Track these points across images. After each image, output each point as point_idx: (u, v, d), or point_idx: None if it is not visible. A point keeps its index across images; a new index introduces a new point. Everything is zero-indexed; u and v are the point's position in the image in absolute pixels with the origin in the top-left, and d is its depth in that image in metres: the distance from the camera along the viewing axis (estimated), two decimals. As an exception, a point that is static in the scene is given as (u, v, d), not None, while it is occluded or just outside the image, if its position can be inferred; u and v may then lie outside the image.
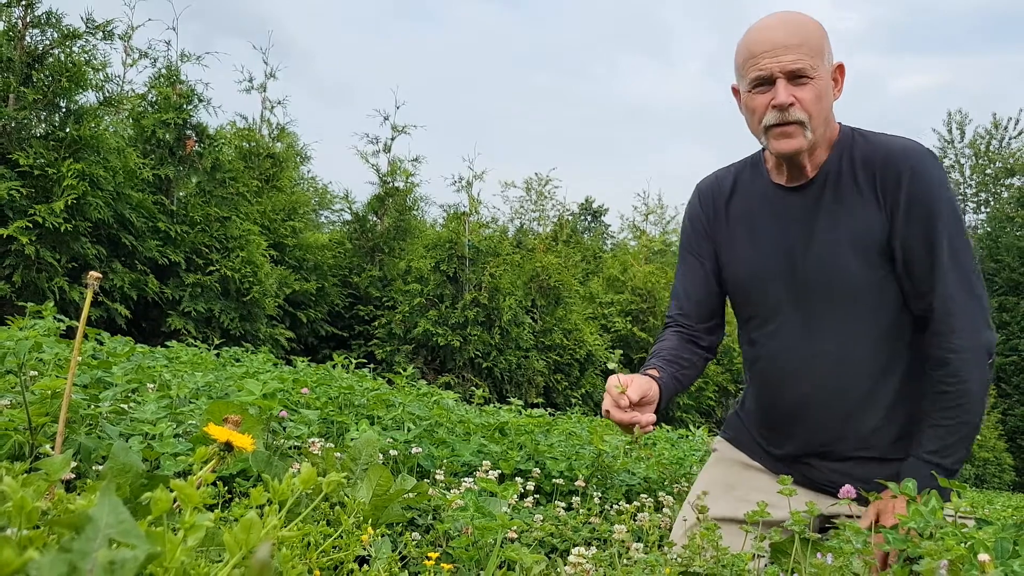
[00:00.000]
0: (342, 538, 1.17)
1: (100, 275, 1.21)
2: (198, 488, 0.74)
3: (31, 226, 6.36)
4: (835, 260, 1.66)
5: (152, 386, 2.33)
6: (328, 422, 2.50)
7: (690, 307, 1.89)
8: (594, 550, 1.37)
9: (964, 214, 32.05)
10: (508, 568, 1.39)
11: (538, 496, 2.41)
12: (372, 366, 7.55)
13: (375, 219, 11.51)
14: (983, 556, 1.00)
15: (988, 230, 25.53)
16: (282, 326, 9.14)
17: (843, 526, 1.20)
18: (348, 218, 11.94)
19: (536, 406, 7.94)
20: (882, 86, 53.88)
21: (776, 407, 1.82)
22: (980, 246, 24.68)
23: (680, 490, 2.74)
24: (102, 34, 7.43)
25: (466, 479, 2.04)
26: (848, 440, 1.72)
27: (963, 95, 51.18)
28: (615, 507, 2.28)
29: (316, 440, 1.91)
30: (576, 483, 2.32)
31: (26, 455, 1.55)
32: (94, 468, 1.56)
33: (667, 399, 1.68)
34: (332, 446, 1.97)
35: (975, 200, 31.96)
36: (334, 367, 4.48)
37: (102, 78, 7.76)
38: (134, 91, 9.28)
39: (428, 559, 1.25)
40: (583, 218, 33.17)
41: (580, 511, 2.09)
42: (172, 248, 7.73)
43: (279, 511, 0.79)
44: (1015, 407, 21.24)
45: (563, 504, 2.05)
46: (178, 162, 8.19)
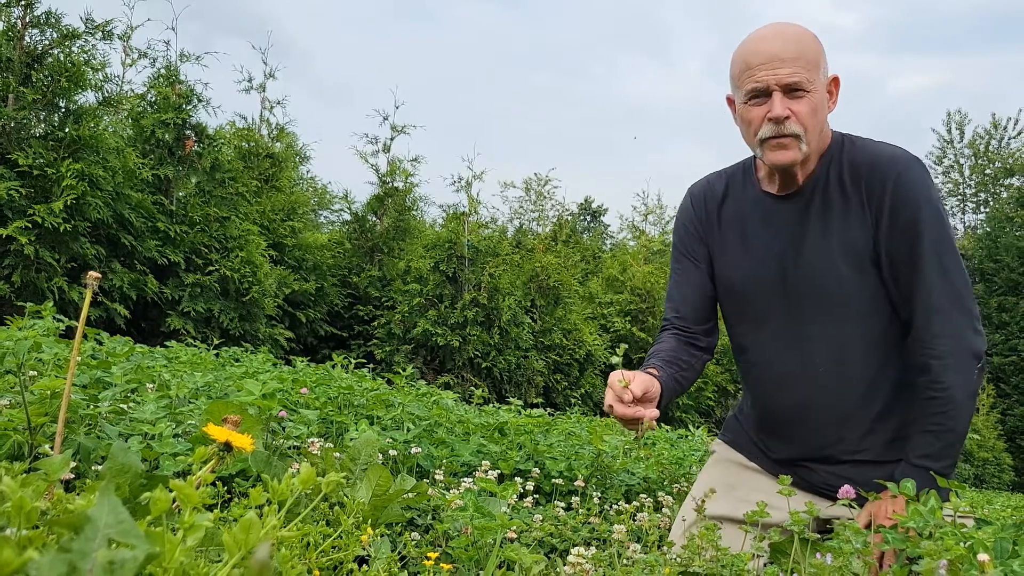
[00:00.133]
0: (341, 538, 1.17)
1: (99, 275, 1.21)
2: (197, 488, 0.74)
3: (30, 226, 6.36)
4: (825, 267, 1.66)
5: (151, 386, 2.33)
6: (327, 422, 2.50)
7: (686, 309, 1.88)
8: (593, 550, 1.36)
9: (964, 214, 32.09)
10: (507, 568, 1.38)
11: (537, 496, 2.41)
12: (371, 366, 7.55)
13: (374, 219, 11.51)
14: (982, 556, 1.00)
15: (988, 230, 25.52)
16: (281, 326, 9.14)
17: (842, 526, 1.20)
18: (347, 218, 11.95)
19: (535, 406, 7.94)
20: (882, 86, 53.95)
21: (771, 412, 1.83)
22: (980, 246, 24.68)
23: (680, 490, 2.74)
24: (101, 34, 7.44)
25: (465, 479, 2.03)
26: (842, 444, 1.72)
27: (963, 95, 51.25)
28: (614, 507, 2.27)
29: (315, 440, 1.91)
30: (575, 483, 2.32)
31: (25, 455, 1.55)
32: (93, 468, 1.56)
33: (667, 399, 1.68)
34: (331, 446, 1.97)
35: (975, 200, 31.98)
36: (333, 367, 4.48)
37: (101, 78, 7.79)
38: (133, 91, 9.29)
39: (427, 559, 1.25)
40: (582, 218, 33.16)
41: (579, 511, 2.09)
42: (171, 248, 7.73)
43: (278, 511, 0.79)
44: (1014, 407, 21.24)
45: (562, 504, 2.04)
46: (177, 162, 8.19)
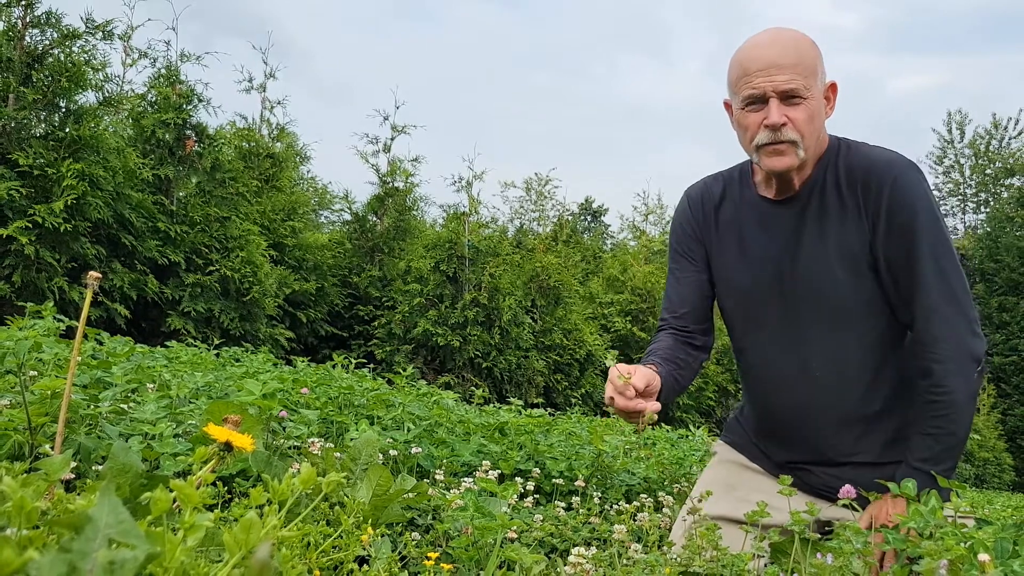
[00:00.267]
0: (342, 538, 1.17)
1: (100, 275, 1.21)
2: (198, 488, 0.74)
3: (31, 226, 6.36)
4: (822, 271, 1.66)
5: (152, 386, 2.33)
6: (328, 422, 2.50)
7: (684, 310, 1.88)
8: (594, 550, 1.36)
9: (964, 214, 32.07)
10: (508, 568, 1.38)
11: (538, 496, 2.41)
12: (372, 366, 7.55)
13: (375, 219, 11.51)
14: (983, 556, 1.00)
15: (988, 230, 25.50)
16: (282, 326, 9.14)
17: (843, 526, 1.20)
18: (348, 218, 11.95)
19: (536, 406, 7.94)
20: (881, 86, 53.95)
21: (770, 415, 1.83)
22: (980, 246, 24.66)
23: (680, 490, 2.74)
24: (102, 34, 7.44)
25: (466, 479, 2.03)
26: (841, 446, 1.72)
27: (963, 95, 51.25)
28: (615, 507, 2.27)
29: (316, 440, 1.91)
30: (576, 483, 2.32)
31: (26, 455, 1.55)
32: (94, 468, 1.56)
33: (666, 396, 1.67)
34: (332, 446, 1.97)
35: (975, 200, 31.95)
36: (334, 367, 4.48)
37: (102, 78, 7.79)
38: (134, 91, 9.30)
39: (428, 559, 1.25)
40: (583, 218, 33.16)
41: (580, 511, 2.09)
42: (172, 248, 7.73)
43: (279, 511, 0.79)
44: (1015, 407, 21.23)
45: (563, 504, 2.04)
46: (178, 162, 8.19)
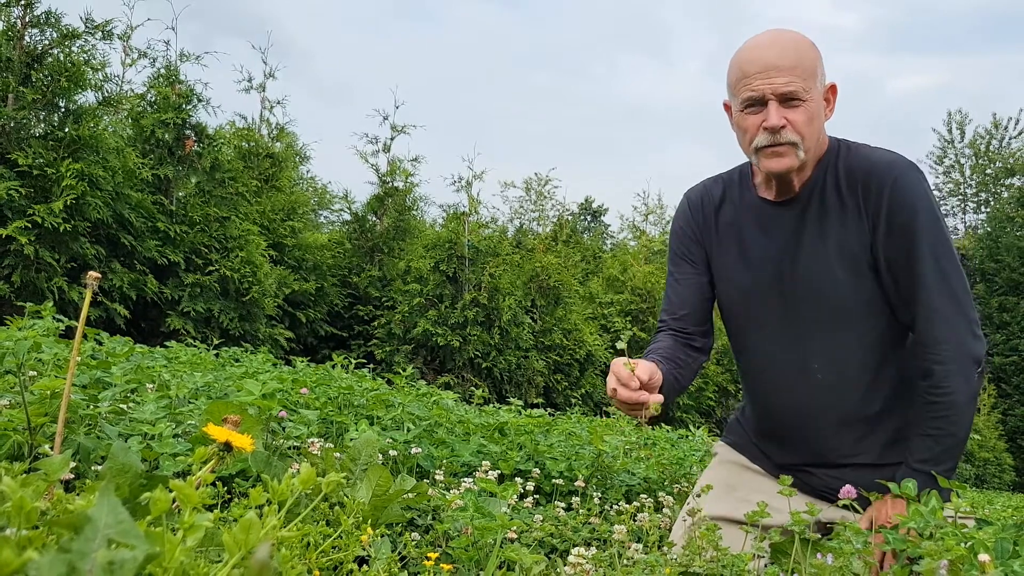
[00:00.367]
0: (341, 538, 1.17)
1: (99, 275, 1.21)
2: (197, 488, 0.73)
3: (30, 226, 6.36)
4: (823, 273, 1.66)
5: (151, 386, 2.32)
6: (327, 422, 2.50)
7: (684, 312, 1.88)
8: (594, 550, 1.36)
9: (964, 214, 32.07)
10: (508, 568, 1.38)
11: (538, 496, 2.41)
12: (371, 366, 7.54)
13: (374, 219, 11.51)
14: (983, 556, 1.00)
15: (988, 230, 25.51)
16: (281, 326, 9.14)
17: (843, 526, 1.20)
18: (347, 218, 11.95)
19: (536, 406, 7.94)
20: (881, 86, 53.96)
21: (770, 416, 1.83)
22: (980, 246, 24.66)
23: (680, 490, 2.74)
24: (101, 34, 7.44)
25: (466, 479, 2.03)
26: (841, 447, 1.72)
27: (963, 95, 51.26)
28: (615, 507, 2.27)
29: (315, 440, 1.91)
30: (576, 483, 2.31)
31: (25, 455, 1.55)
32: (93, 468, 1.56)
33: (666, 394, 1.67)
34: (331, 446, 1.97)
35: (975, 200, 31.96)
36: (333, 367, 4.48)
37: (101, 78, 7.79)
38: (133, 91, 9.28)
39: (428, 559, 1.25)
40: (583, 218, 33.16)
41: (580, 511, 2.09)
42: (171, 248, 7.73)
43: (278, 511, 0.79)
44: (1015, 407, 21.24)
45: (563, 504, 2.04)
46: (177, 162, 8.19)
